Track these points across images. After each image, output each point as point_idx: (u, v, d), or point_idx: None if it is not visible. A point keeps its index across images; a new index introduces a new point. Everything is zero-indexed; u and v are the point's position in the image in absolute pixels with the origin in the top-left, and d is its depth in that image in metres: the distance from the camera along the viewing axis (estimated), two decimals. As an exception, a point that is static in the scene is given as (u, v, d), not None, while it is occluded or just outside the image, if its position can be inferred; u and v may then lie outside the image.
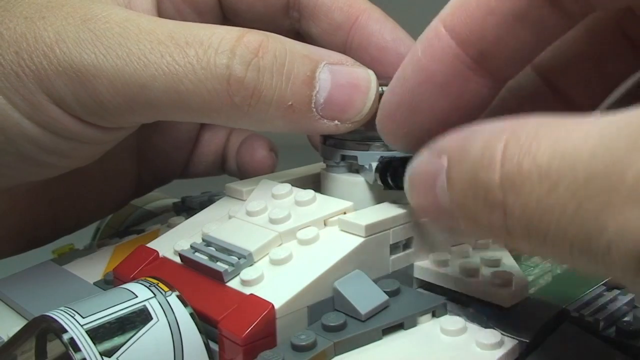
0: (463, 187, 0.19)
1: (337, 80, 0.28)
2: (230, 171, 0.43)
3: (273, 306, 0.23)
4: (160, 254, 0.28)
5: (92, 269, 0.32)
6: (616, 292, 0.27)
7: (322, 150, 0.31)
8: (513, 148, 0.17)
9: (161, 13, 0.33)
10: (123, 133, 0.31)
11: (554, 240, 0.17)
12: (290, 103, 0.27)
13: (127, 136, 0.32)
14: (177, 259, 0.28)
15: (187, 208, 0.41)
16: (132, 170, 0.40)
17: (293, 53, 0.27)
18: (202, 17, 0.34)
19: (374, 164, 0.29)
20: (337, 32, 0.34)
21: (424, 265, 0.28)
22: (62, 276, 0.31)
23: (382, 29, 0.34)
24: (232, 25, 0.28)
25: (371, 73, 0.28)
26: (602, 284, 0.27)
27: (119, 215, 0.45)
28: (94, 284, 0.30)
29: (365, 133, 0.29)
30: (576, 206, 0.16)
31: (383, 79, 0.28)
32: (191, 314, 0.23)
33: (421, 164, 0.22)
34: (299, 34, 0.36)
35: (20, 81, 0.27)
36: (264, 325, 0.23)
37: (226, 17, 0.35)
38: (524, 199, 0.17)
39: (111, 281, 0.29)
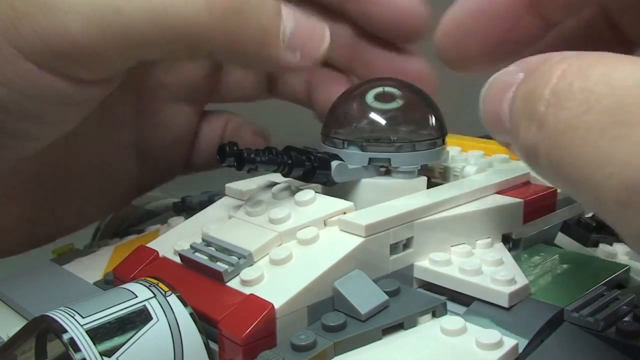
0: (521, 98, 0.20)
1: (300, 20, 0.31)
2: None
3: (273, 306, 0.23)
4: (160, 254, 0.28)
5: (92, 269, 0.31)
6: (616, 292, 0.27)
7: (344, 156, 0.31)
8: (571, 70, 0.18)
9: None
10: (98, 91, 0.30)
11: (569, 161, 0.18)
12: (265, 26, 0.29)
13: (122, 133, 0.32)
14: (177, 259, 0.28)
15: (187, 208, 0.41)
16: (133, 169, 0.40)
17: None
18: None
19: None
20: None
21: (424, 265, 0.28)
22: (62, 276, 0.31)
23: None
24: None
25: (325, 25, 0.32)
26: (603, 284, 0.27)
27: (119, 215, 0.45)
28: (94, 284, 0.30)
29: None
30: (600, 130, 0.17)
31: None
32: (191, 314, 0.23)
33: (503, 74, 0.22)
34: None
35: None
36: (264, 325, 0.23)
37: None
38: (562, 115, 0.18)
39: (111, 281, 0.29)
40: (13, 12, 0.25)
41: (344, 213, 0.27)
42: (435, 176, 0.34)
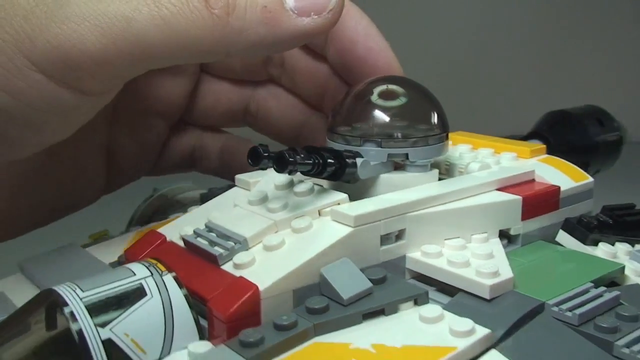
0: None
1: None
2: (204, 169, 0.45)
3: (257, 288, 0.25)
4: (167, 239, 0.30)
5: (111, 251, 0.34)
6: (603, 289, 0.27)
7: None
8: None
9: None
10: (100, 101, 0.31)
11: None
12: (264, 5, 0.28)
13: (96, 136, 0.34)
14: (182, 243, 0.29)
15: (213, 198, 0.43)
16: (102, 168, 0.41)
17: None
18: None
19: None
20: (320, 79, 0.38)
21: (415, 257, 0.29)
22: (82, 257, 0.33)
23: (357, 25, 0.36)
24: None
25: None
26: (593, 282, 0.28)
27: (151, 205, 0.48)
28: (109, 264, 0.32)
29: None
30: None
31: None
32: (184, 294, 0.25)
33: None
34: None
35: None
36: (249, 305, 0.24)
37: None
38: None
39: (123, 262, 0.31)
40: (27, 24, 0.26)
41: (338, 204, 0.29)
42: (442, 172, 0.35)
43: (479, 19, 1.20)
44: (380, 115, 0.32)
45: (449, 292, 0.28)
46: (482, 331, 0.24)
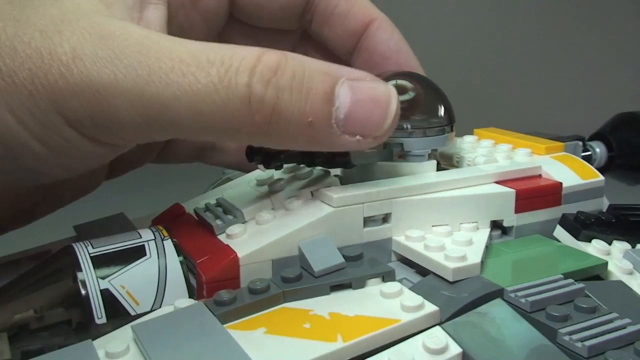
0: None
1: (357, 96, 0.27)
2: (215, 162, 0.45)
3: (236, 255, 0.28)
4: (187, 211, 0.34)
5: (149, 221, 0.38)
6: (571, 281, 0.28)
7: None
8: None
9: (171, 23, 0.33)
10: (127, 149, 0.31)
11: None
12: (310, 120, 0.27)
13: None
14: (194, 215, 0.33)
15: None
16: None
17: (311, 70, 0.27)
18: (209, 24, 0.36)
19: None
20: (349, 37, 0.38)
21: (399, 240, 0.31)
22: (123, 224, 0.38)
23: (389, 39, 0.37)
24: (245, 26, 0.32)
25: (392, 88, 0.29)
26: (564, 274, 0.29)
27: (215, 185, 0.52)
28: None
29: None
30: None
31: None
32: (180, 260, 0.29)
33: None
34: (306, 33, 0.39)
35: (33, 100, 0.26)
36: (228, 270, 0.28)
37: (237, 20, 0.38)
38: None
39: (151, 229, 0.35)
40: (65, 85, 0.26)
41: (329, 187, 0.31)
42: (453, 164, 0.37)
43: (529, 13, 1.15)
44: None
45: (423, 272, 0.30)
46: (430, 308, 0.26)
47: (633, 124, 0.50)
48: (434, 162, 0.34)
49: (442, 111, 0.34)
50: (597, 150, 0.48)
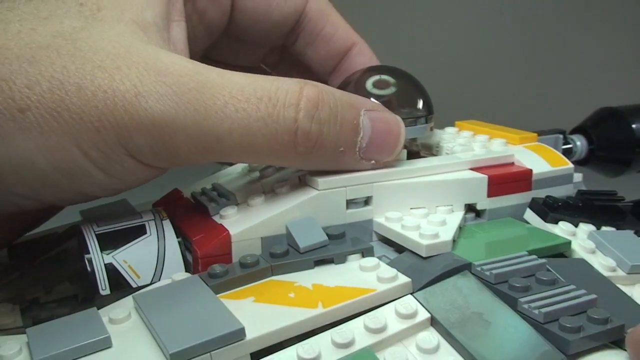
0: None
1: (376, 126, 0.32)
2: None
3: (229, 232, 0.31)
4: (184, 195, 0.37)
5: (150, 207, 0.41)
6: (534, 257, 0.30)
7: None
8: None
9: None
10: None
11: None
12: (342, 149, 0.31)
13: None
14: (191, 199, 0.36)
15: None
16: None
17: (342, 102, 0.31)
18: (210, 36, 0.39)
19: None
20: (331, 59, 0.41)
21: (379, 221, 0.33)
22: (124, 208, 0.40)
23: (368, 62, 0.40)
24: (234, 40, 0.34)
25: (399, 118, 0.33)
26: (528, 252, 0.31)
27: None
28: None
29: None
30: None
31: None
32: (178, 240, 0.31)
33: None
34: (285, 49, 0.42)
35: (100, 136, 0.27)
36: (220, 246, 0.30)
37: (228, 34, 0.40)
38: None
39: (152, 213, 0.38)
40: (131, 122, 0.27)
41: (315, 172, 0.34)
42: (433, 153, 0.39)
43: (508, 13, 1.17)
44: None
45: (400, 249, 0.32)
46: (402, 279, 0.28)
47: (613, 119, 0.52)
48: (404, 150, 0.36)
49: (420, 104, 0.37)
50: (578, 143, 0.50)
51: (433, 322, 0.27)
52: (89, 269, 0.30)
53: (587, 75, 1.11)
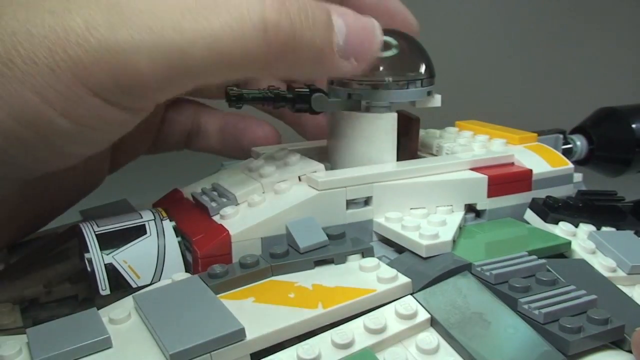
0: None
1: (350, 24, 0.31)
2: (202, 147, 0.46)
3: (229, 233, 0.31)
4: (184, 195, 0.37)
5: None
6: (534, 258, 0.30)
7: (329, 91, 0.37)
8: None
9: None
10: (144, 115, 0.31)
11: None
12: (320, 46, 0.30)
13: None
14: (191, 199, 0.36)
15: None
16: (108, 152, 0.42)
17: (309, 2, 0.30)
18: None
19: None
20: None
21: (379, 221, 0.33)
22: (125, 209, 0.40)
23: None
24: None
25: (374, 19, 0.33)
26: (528, 252, 0.31)
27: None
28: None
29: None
30: None
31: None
32: (179, 240, 0.31)
33: None
34: None
35: (56, 76, 0.27)
36: (220, 246, 0.31)
37: None
38: None
39: (152, 213, 0.38)
40: (85, 55, 0.26)
41: (315, 172, 0.34)
42: (433, 153, 0.40)
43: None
44: None
45: (400, 250, 0.32)
46: (403, 279, 0.28)
47: (613, 119, 0.52)
48: (394, 114, 0.36)
49: (420, 67, 0.36)
50: (578, 143, 0.50)
51: (433, 322, 0.27)
52: (89, 269, 0.30)
53: (587, 75, 1.11)
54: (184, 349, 0.24)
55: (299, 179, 0.34)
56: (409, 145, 0.39)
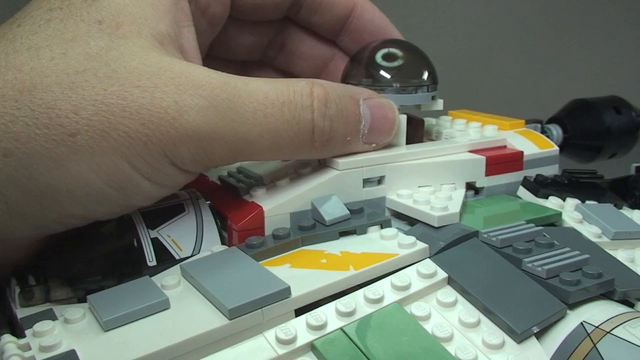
0: None
1: (374, 113, 0.36)
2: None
3: (262, 208, 0.34)
4: (210, 179, 0.40)
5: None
6: (532, 225, 0.34)
7: None
8: None
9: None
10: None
11: None
12: (348, 138, 0.36)
13: None
14: (218, 182, 0.39)
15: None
16: None
17: (344, 97, 0.35)
18: (214, 28, 0.41)
19: None
20: (336, 22, 0.44)
21: (392, 198, 0.37)
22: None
23: (373, 18, 0.44)
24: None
25: (392, 102, 0.38)
26: (525, 221, 0.35)
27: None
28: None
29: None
30: None
31: None
32: (214, 216, 0.35)
33: None
34: (288, 19, 0.45)
35: (147, 149, 0.29)
36: (255, 221, 0.34)
37: (229, 24, 0.43)
38: None
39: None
40: (176, 134, 0.30)
41: (333, 156, 0.37)
42: (432, 138, 0.44)
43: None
44: (365, 68, 0.40)
45: (412, 222, 0.36)
46: (421, 245, 0.32)
47: (586, 110, 0.57)
48: (404, 116, 0.39)
49: (424, 74, 0.40)
50: (554, 132, 0.55)
51: (450, 280, 0.31)
52: (136, 244, 0.33)
53: (561, 69, 1.16)
54: (240, 304, 0.27)
55: (319, 162, 0.38)
56: (415, 142, 0.42)
